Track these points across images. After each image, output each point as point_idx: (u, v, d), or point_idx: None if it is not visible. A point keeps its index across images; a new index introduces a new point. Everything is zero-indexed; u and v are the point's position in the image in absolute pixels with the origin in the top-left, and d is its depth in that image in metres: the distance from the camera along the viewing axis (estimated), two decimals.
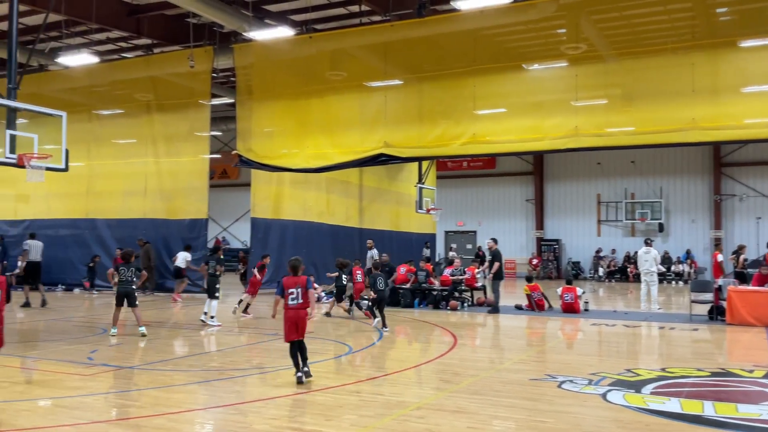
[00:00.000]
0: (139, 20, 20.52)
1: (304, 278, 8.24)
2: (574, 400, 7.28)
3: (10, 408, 6.93)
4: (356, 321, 14.75)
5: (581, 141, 15.45)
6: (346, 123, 18.51)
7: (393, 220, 29.42)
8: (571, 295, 16.26)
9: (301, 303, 8.09)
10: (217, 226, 37.88)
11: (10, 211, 24.33)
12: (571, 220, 33.31)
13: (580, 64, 15.70)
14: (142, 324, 12.12)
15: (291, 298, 8.10)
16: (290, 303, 8.09)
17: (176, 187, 21.50)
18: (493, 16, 16.11)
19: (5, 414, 6.70)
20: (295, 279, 8.18)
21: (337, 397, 7.34)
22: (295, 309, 8.09)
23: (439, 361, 9.77)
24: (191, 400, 7.47)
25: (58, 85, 22.44)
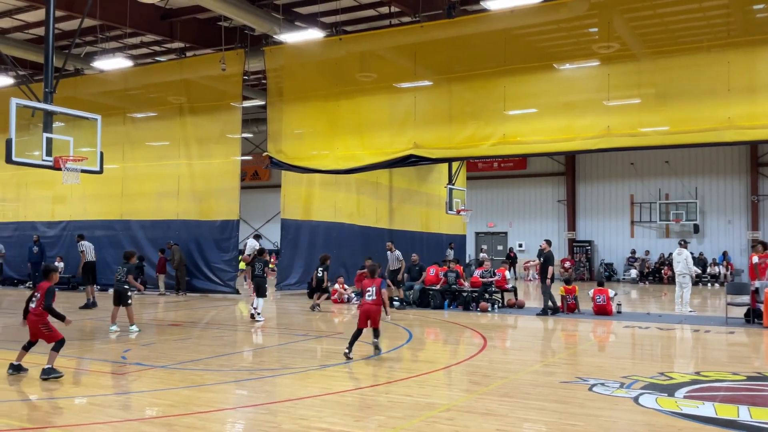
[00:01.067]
0: (172, 24, 20.82)
1: (380, 280, 10.19)
2: (605, 403, 7.18)
3: (46, 405, 7.08)
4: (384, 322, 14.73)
5: (614, 141, 15.25)
6: (376, 124, 18.54)
7: (423, 222, 29.39)
8: (604, 297, 16.05)
9: (374, 300, 9.95)
10: (249, 227, 38.23)
11: (47, 213, 24.87)
12: (603, 221, 32.91)
13: (613, 63, 15.50)
14: (133, 323, 12.48)
15: (368, 295, 10.04)
16: (367, 299, 10.03)
17: (208, 189, 21.75)
18: (523, 16, 16.00)
19: (41, 412, 6.85)
20: (372, 280, 10.14)
21: (365, 398, 7.35)
22: (370, 304, 9.98)
23: (468, 363, 9.72)
24: (222, 399, 7.54)
25: (94, 89, 22.88)
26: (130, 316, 12.56)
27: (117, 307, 12.58)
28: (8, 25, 21.25)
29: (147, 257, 22.36)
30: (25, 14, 20.29)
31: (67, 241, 24.03)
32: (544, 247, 16.54)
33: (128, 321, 12.56)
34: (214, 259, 21.36)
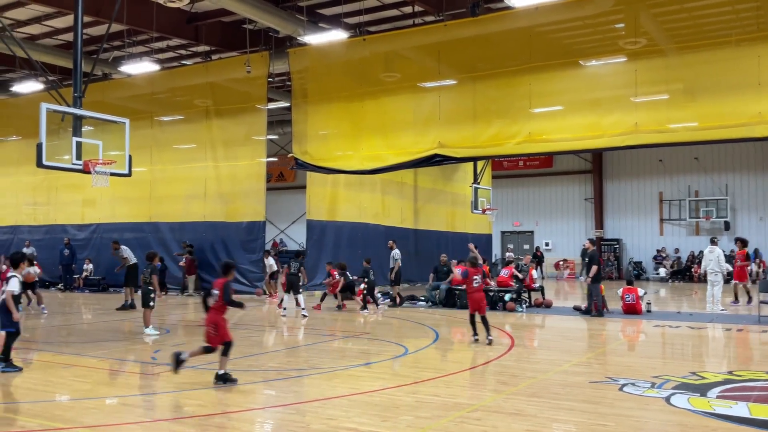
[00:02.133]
0: (198, 28, 21.02)
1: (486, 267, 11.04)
2: (636, 403, 7.09)
3: (78, 406, 7.18)
4: (412, 322, 14.73)
5: (641, 138, 15.06)
6: (401, 124, 18.53)
7: (448, 221, 29.31)
8: (633, 296, 15.85)
9: (480, 285, 11.34)
10: (275, 228, 38.45)
11: (77, 216, 25.26)
12: (632, 219, 32.52)
13: (640, 59, 15.30)
14: (148, 325, 12.38)
15: (475, 283, 11.25)
16: (474, 285, 11.24)
17: (234, 191, 21.92)
18: (548, 13, 15.87)
19: (73, 412, 6.95)
20: (476, 269, 11.44)
21: (393, 398, 7.34)
22: (477, 291, 11.25)
23: (496, 363, 9.67)
24: (250, 399, 7.59)
25: (121, 93, 23.18)
26: (146, 318, 12.46)
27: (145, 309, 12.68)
28: (37, 32, 21.63)
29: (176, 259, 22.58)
30: (53, 20, 20.63)
31: (97, 244, 24.39)
32: (588, 246, 16.35)
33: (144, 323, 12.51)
34: (240, 260, 21.50)
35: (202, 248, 22.18)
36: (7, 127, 26.23)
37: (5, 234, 27.11)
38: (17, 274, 8.90)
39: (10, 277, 8.82)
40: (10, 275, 8.87)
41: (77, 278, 24.09)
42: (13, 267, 9.08)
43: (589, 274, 15.54)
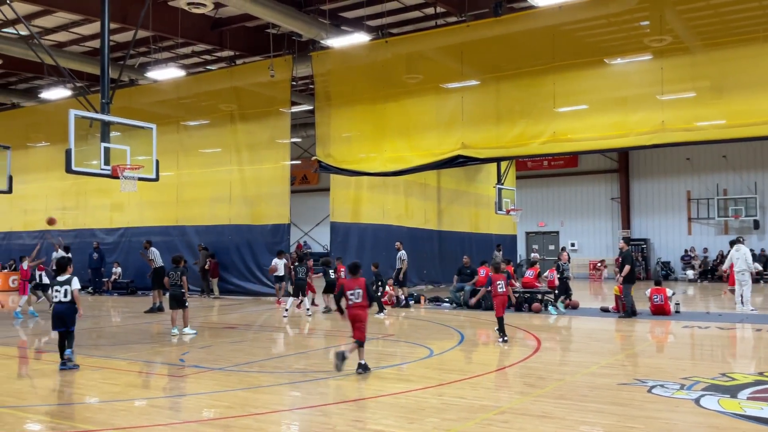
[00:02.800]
0: (222, 33, 21.22)
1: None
2: (665, 405, 7.00)
3: (108, 408, 7.28)
4: (436, 324, 14.71)
5: (668, 136, 14.88)
6: (423, 125, 18.53)
7: (472, 222, 29.21)
8: (661, 296, 15.65)
9: (504, 291, 11.65)
10: (299, 230, 38.63)
11: (106, 220, 25.63)
12: (659, 218, 32.11)
13: (666, 57, 15.13)
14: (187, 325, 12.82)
15: (499, 288, 11.58)
16: (498, 291, 11.55)
17: (259, 194, 22.08)
18: (572, 11, 15.77)
19: (104, 414, 7.05)
20: (499, 275, 11.73)
21: (419, 399, 7.34)
22: (502, 295, 11.60)
23: (522, 365, 9.61)
24: (277, 401, 7.64)
25: (148, 99, 23.49)
26: (185, 318, 12.84)
27: (175, 311, 12.87)
28: (65, 39, 22.00)
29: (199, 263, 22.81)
30: (80, 28, 20.97)
31: (125, 247, 24.72)
32: (623, 247, 16.16)
33: (184, 323, 12.84)
34: (266, 263, 21.64)
35: (227, 251, 22.38)
36: (36, 134, 26.72)
37: (35, 239, 27.56)
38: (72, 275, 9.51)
39: (70, 279, 9.39)
40: (67, 277, 9.42)
41: (106, 281, 24.43)
42: (61, 271, 9.54)
43: (622, 273, 15.39)
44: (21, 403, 7.43)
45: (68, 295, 9.32)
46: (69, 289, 9.33)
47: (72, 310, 9.37)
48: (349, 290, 8.98)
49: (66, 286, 9.35)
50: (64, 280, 9.40)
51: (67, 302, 9.33)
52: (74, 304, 9.35)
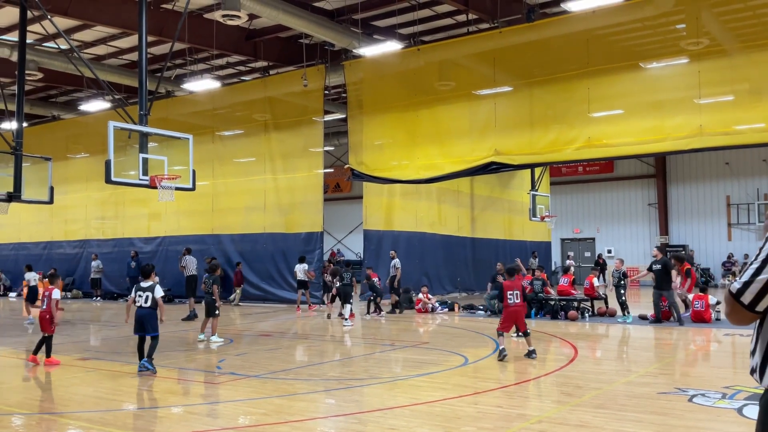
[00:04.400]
0: (256, 44, 21.48)
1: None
2: (706, 415, 6.86)
3: (147, 414, 7.40)
4: (471, 332, 14.62)
5: (707, 140, 14.61)
6: (456, 132, 18.49)
7: (506, 229, 29.02)
8: (702, 302, 15.34)
9: (519, 302, 10.51)
10: (332, 238, 38.80)
11: (144, 229, 26.08)
12: (698, 224, 31.49)
13: (703, 60, 14.86)
14: (215, 333, 12.93)
15: (510, 298, 10.49)
16: (509, 302, 10.48)
17: (293, 202, 22.26)
18: (606, 16, 15.61)
19: (142, 420, 7.16)
20: (512, 283, 10.62)
21: (455, 408, 7.30)
22: (515, 306, 10.52)
23: (559, 374, 9.50)
24: (313, 408, 7.67)
25: (184, 110, 23.89)
26: (214, 327, 12.97)
27: (207, 318, 13.03)
28: (103, 52, 22.50)
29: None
30: (118, 41, 21.43)
31: (163, 256, 25.12)
32: (657, 255, 15.87)
33: (212, 331, 12.97)
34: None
35: (262, 259, 22.57)
36: (76, 145, 27.36)
37: (75, 248, 28.20)
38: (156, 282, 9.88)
39: (152, 286, 9.71)
40: (150, 284, 9.75)
41: None
42: (145, 278, 9.92)
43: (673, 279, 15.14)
44: (63, 410, 7.58)
45: (149, 300, 9.63)
46: (150, 296, 9.63)
47: (152, 316, 9.67)
48: (508, 291, 10.44)
49: (148, 292, 9.68)
50: (147, 287, 9.73)
51: (148, 308, 9.64)
52: (155, 310, 9.67)
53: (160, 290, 9.77)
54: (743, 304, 2.40)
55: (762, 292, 2.36)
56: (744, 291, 2.40)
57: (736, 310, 2.45)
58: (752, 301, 2.38)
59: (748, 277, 2.40)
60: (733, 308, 2.46)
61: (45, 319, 10.42)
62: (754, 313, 2.42)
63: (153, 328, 9.69)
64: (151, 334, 9.68)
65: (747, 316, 2.43)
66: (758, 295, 2.37)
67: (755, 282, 2.37)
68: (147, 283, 9.80)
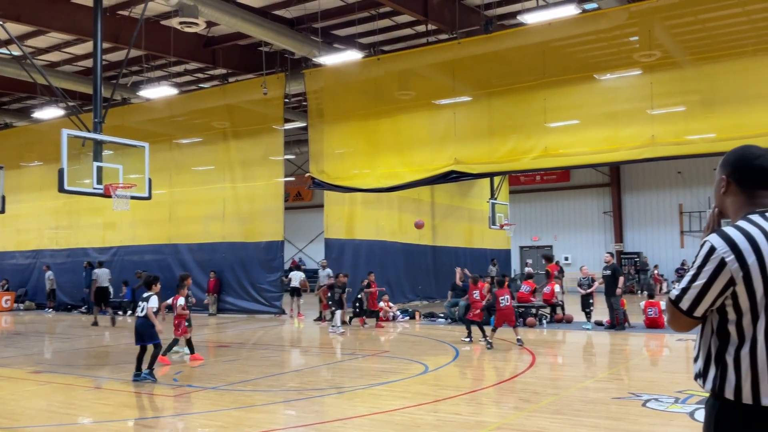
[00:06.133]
0: (215, 51, 21.30)
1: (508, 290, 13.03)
2: (659, 419, 7.01)
3: (101, 428, 7.23)
4: (431, 339, 14.68)
5: (659, 150, 14.98)
6: (416, 141, 18.60)
7: (466, 237, 29.26)
8: (655, 309, 15.68)
9: (508, 305, 12.59)
10: (293, 247, 38.58)
11: (98, 239, 25.54)
12: (652, 231, 32.23)
13: (655, 72, 15.26)
14: None
15: (502, 302, 12.58)
16: (502, 305, 12.51)
17: (253, 211, 22.07)
18: (561, 28, 15.91)
19: None
20: (503, 290, 12.67)
21: (414, 416, 7.32)
22: (507, 309, 12.60)
23: (517, 380, 9.60)
24: (271, 419, 7.60)
25: (140, 117, 23.50)
26: None
27: None
28: (57, 59, 22.04)
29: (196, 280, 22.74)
30: (73, 47, 21.02)
31: (118, 266, 24.64)
32: (609, 260, 16.20)
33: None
34: (259, 280, 21.61)
35: (221, 269, 22.31)
36: (29, 153, 26.68)
37: (28, 258, 27.46)
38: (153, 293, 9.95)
39: (149, 296, 9.81)
40: (148, 294, 9.88)
41: None
42: (147, 288, 10.06)
43: (619, 285, 15.45)
44: (14, 425, 7.36)
45: (144, 310, 9.77)
46: (145, 305, 9.77)
47: (146, 326, 9.73)
48: (500, 296, 12.64)
49: (144, 302, 9.82)
50: (145, 297, 9.87)
51: (143, 317, 9.77)
52: (146, 319, 9.72)
53: (153, 301, 9.79)
54: (682, 310, 2.45)
55: (698, 298, 2.41)
56: (682, 297, 2.45)
57: (675, 317, 2.50)
58: (690, 306, 2.43)
59: (686, 284, 2.45)
60: (673, 315, 2.51)
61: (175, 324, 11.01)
62: (694, 319, 2.46)
63: (149, 336, 9.72)
64: (148, 342, 9.74)
65: (687, 322, 2.48)
66: (695, 301, 2.42)
67: (692, 288, 2.43)
68: (147, 294, 9.92)
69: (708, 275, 2.40)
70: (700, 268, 2.43)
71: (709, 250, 2.44)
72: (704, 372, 2.48)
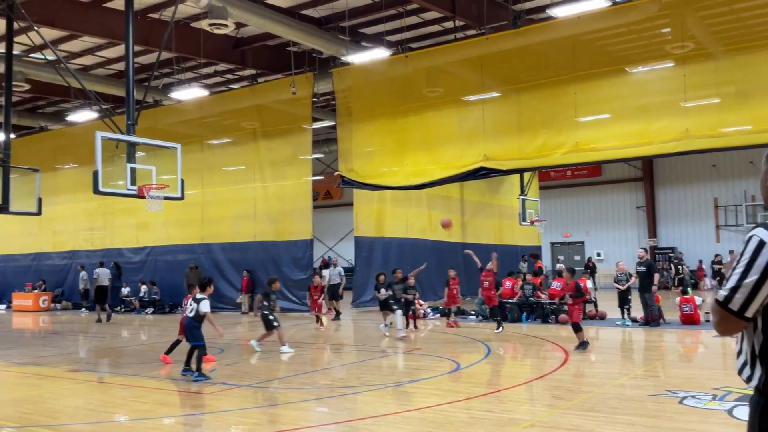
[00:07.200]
0: (244, 52, 21.48)
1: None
2: (697, 416, 6.89)
3: (138, 426, 7.35)
4: (463, 337, 14.63)
5: (693, 143, 14.72)
6: (445, 138, 18.54)
7: (496, 234, 29.09)
8: (690, 305, 15.42)
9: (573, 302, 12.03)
10: (323, 246, 38.75)
11: (132, 239, 25.95)
12: (686, 226, 31.67)
13: (688, 64, 14.99)
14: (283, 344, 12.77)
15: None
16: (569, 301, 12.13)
17: (283, 210, 22.22)
18: (591, 21, 15.72)
19: None
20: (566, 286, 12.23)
21: (446, 414, 7.30)
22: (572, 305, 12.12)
23: (550, 377, 9.52)
24: (304, 417, 7.65)
25: (172, 119, 23.80)
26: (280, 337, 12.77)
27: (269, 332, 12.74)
28: (90, 62, 22.42)
29: (228, 279, 22.99)
30: (105, 51, 21.36)
31: (152, 266, 25.01)
32: (643, 256, 15.95)
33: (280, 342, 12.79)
34: (290, 279, 21.74)
35: (253, 268, 22.50)
36: (64, 156, 27.20)
37: (64, 259, 28.02)
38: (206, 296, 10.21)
39: (202, 299, 10.03)
40: (201, 297, 10.10)
41: (133, 300, 24.67)
42: (201, 290, 10.27)
43: (654, 282, 15.22)
44: (54, 422, 7.52)
45: (193, 312, 10.03)
46: (196, 307, 10.02)
47: (192, 326, 10.03)
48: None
49: (195, 304, 10.07)
50: (198, 299, 10.10)
51: (191, 318, 10.04)
52: (197, 321, 10.00)
53: (206, 305, 9.99)
54: (732, 311, 2.32)
55: (751, 296, 2.29)
56: (732, 297, 2.32)
57: (724, 319, 2.35)
58: (741, 306, 2.30)
59: (735, 282, 2.32)
60: (721, 317, 2.36)
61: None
62: (744, 320, 2.33)
63: (194, 337, 9.99)
64: (192, 343, 10.01)
65: (736, 324, 2.34)
66: (747, 300, 2.29)
67: (743, 286, 2.30)
68: (199, 296, 10.13)
69: (760, 271, 2.28)
70: (750, 264, 2.31)
71: (759, 244, 2.33)
72: (749, 369, 2.41)
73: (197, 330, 9.98)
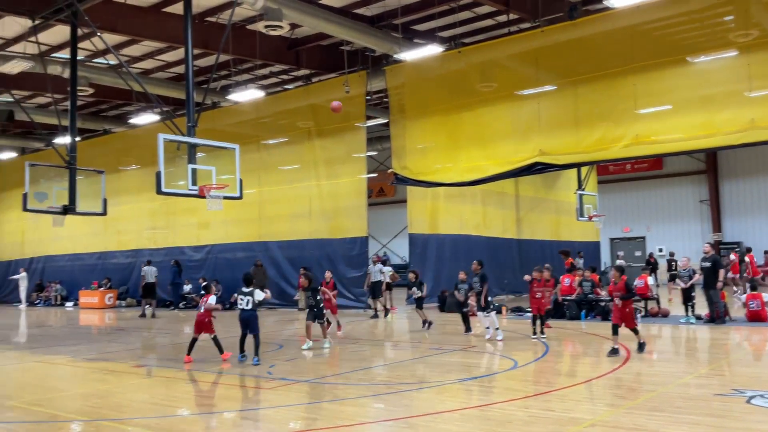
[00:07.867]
0: (298, 53, 21.74)
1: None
2: (765, 416, 6.66)
3: (202, 420, 7.54)
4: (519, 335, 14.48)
5: (759, 134, 14.18)
6: (499, 134, 18.35)
7: (553, 230, 28.66)
8: (758, 302, 14.88)
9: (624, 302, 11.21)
10: (377, 243, 38.90)
11: (193, 238, 26.59)
12: (753, 220, 30.52)
13: (753, 52, 14.43)
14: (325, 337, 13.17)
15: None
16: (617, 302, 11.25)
17: (337, 208, 22.40)
18: (650, 10, 15.30)
19: (196, 426, 7.30)
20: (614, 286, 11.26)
21: (505, 412, 7.25)
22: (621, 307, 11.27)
23: (611, 376, 9.33)
24: (363, 413, 7.71)
25: (230, 120, 24.28)
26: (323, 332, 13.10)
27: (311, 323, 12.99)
28: (151, 66, 23.06)
29: (286, 276, 23.32)
30: (165, 54, 21.93)
31: (212, 264, 25.58)
32: (708, 251, 15.48)
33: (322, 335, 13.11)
34: (345, 276, 21.89)
35: (310, 265, 22.73)
36: (127, 158, 28.06)
37: (128, 258, 28.93)
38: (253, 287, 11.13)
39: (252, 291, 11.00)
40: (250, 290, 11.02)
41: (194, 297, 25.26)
42: (247, 284, 11.13)
43: (720, 278, 14.75)
44: (121, 416, 7.79)
45: (250, 303, 10.94)
46: (251, 299, 10.95)
47: (253, 317, 11.01)
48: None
49: (249, 296, 10.98)
50: (248, 291, 11.02)
51: (249, 310, 10.97)
52: (254, 311, 11.00)
53: (260, 294, 11.03)
54: None
55: None
56: None
57: None
58: None
59: None
60: None
61: (204, 322, 11.54)
62: None
63: (253, 327, 10.95)
64: (253, 332, 10.93)
65: None
66: None
67: None
68: (248, 289, 11.01)
69: None
70: None
71: None
72: None
73: (257, 320, 10.93)
